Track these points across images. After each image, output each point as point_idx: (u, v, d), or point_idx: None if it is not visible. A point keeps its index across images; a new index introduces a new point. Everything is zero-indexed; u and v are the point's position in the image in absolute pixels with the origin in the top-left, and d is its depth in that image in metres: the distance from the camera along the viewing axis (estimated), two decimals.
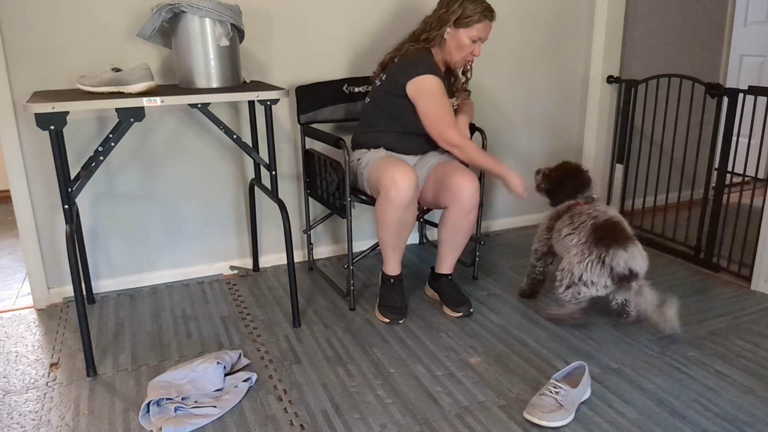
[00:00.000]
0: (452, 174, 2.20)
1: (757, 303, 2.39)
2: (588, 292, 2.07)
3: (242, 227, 2.72)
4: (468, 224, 2.24)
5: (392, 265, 2.28)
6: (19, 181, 2.31)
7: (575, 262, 2.07)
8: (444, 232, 2.29)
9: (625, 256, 2.02)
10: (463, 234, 2.27)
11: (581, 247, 2.08)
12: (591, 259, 2.04)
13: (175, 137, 2.50)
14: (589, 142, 3.25)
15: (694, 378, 1.89)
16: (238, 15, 2.18)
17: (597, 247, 2.04)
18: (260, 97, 2.10)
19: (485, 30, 2.23)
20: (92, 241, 2.48)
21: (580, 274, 2.05)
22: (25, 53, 2.22)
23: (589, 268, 2.04)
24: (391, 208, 2.09)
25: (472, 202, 2.19)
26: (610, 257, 2.02)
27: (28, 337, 2.20)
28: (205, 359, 1.89)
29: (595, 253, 2.04)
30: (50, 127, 1.83)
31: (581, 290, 2.07)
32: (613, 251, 2.02)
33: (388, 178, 2.07)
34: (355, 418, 1.73)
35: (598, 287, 2.05)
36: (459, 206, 2.20)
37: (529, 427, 1.68)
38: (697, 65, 3.41)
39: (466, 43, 2.23)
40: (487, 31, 2.25)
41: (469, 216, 2.22)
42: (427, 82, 2.18)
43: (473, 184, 2.18)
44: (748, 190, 3.40)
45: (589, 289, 2.06)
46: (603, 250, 2.03)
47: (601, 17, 3.06)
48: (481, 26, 2.21)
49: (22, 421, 1.73)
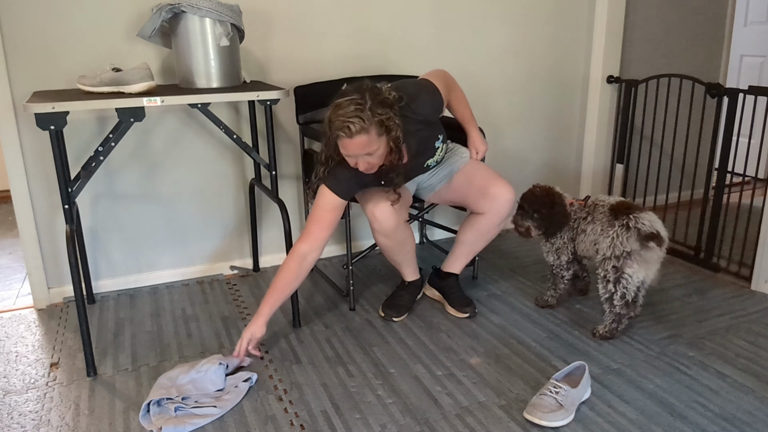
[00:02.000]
0: (492, 182, 2.19)
1: (757, 303, 2.38)
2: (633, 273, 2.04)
3: (242, 227, 2.72)
4: (497, 232, 2.27)
5: (406, 274, 2.33)
6: (19, 181, 2.31)
7: (606, 245, 2.06)
8: (469, 235, 2.28)
9: (649, 218, 2.03)
10: (488, 240, 2.29)
11: (606, 227, 2.08)
12: (616, 230, 2.03)
13: (175, 137, 2.49)
14: (589, 142, 3.25)
15: (694, 378, 1.89)
16: (238, 15, 2.18)
17: (618, 218, 2.05)
18: (260, 97, 2.10)
19: (349, 148, 1.82)
20: (92, 241, 2.48)
21: (620, 250, 2.02)
22: (25, 53, 2.22)
23: (618, 236, 2.02)
24: (380, 237, 2.12)
25: (509, 211, 2.20)
26: (633, 221, 2.02)
27: (28, 337, 2.20)
28: (208, 360, 1.89)
29: (618, 222, 2.04)
30: (50, 127, 1.83)
31: (627, 273, 2.04)
32: (635, 215, 2.03)
33: (368, 213, 2.07)
34: (356, 418, 1.73)
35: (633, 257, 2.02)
36: (496, 215, 2.19)
37: (529, 427, 1.68)
38: (697, 65, 3.41)
39: (346, 157, 1.90)
40: (353, 147, 1.81)
41: (501, 224, 2.24)
42: (321, 193, 1.99)
43: (512, 193, 2.18)
44: (748, 190, 3.40)
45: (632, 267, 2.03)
46: (625, 218, 2.04)
47: (601, 17, 3.06)
48: (342, 144, 1.83)
49: (22, 421, 1.73)
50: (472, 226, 2.26)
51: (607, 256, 2.05)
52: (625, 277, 2.04)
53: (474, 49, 2.91)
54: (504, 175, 3.16)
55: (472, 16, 2.86)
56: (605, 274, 2.07)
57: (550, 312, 2.33)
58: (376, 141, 1.83)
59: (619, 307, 2.07)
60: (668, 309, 2.34)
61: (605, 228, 2.07)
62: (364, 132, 1.79)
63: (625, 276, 2.03)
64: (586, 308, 2.35)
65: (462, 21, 2.85)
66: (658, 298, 2.43)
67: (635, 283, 2.05)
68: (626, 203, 2.11)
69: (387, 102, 1.84)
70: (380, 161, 1.91)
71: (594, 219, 2.13)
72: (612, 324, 2.10)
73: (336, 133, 1.81)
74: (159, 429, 1.66)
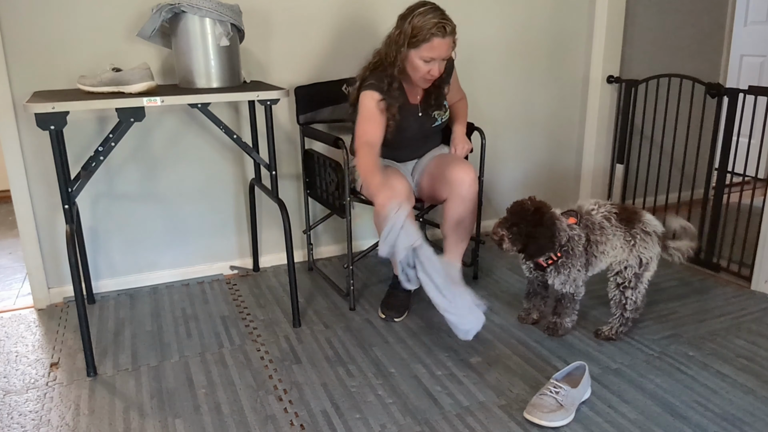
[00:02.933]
0: (449, 166, 2.19)
1: (757, 303, 2.38)
2: (649, 276, 2.06)
3: (242, 227, 2.72)
4: (470, 214, 2.22)
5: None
6: (19, 181, 2.31)
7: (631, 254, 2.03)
8: (448, 226, 2.26)
9: (650, 217, 2.04)
10: (467, 225, 2.24)
11: (625, 237, 2.03)
12: (639, 238, 2.01)
13: (175, 137, 2.49)
14: (589, 142, 3.25)
15: (695, 378, 1.89)
16: (238, 15, 2.18)
17: (633, 226, 2.02)
18: (260, 97, 2.10)
19: (438, 49, 2.01)
20: (92, 241, 2.48)
21: (646, 257, 2.02)
22: (25, 53, 2.22)
23: (642, 242, 2.01)
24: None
25: (471, 192, 2.17)
26: (647, 225, 2.02)
27: (29, 337, 2.20)
28: None
29: (636, 231, 2.02)
30: (50, 127, 1.83)
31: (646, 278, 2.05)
32: (643, 219, 2.02)
33: (380, 197, 2.05)
34: (356, 418, 1.73)
35: (653, 260, 2.04)
36: (458, 197, 2.17)
37: (529, 427, 1.68)
38: (698, 65, 3.41)
39: (419, 64, 2.06)
40: (442, 49, 2.02)
41: (469, 206, 2.19)
42: (363, 99, 2.13)
43: (470, 174, 2.16)
44: (748, 190, 3.40)
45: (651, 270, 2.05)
46: (639, 223, 2.02)
47: (601, 17, 3.06)
48: (432, 45, 2.00)
49: (22, 421, 1.73)
50: (445, 216, 2.24)
51: (631, 264, 2.03)
52: (643, 281, 2.05)
53: (474, 48, 2.90)
54: (504, 175, 3.19)
55: (472, 16, 2.86)
56: (624, 281, 2.05)
57: None
58: (451, 49, 2.06)
59: (630, 311, 2.07)
60: (668, 309, 2.34)
61: (626, 239, 2.03)
62: (454, 33, 2.02)
63: (643, 281, 2.05)
64: (585, 308, 2.35)
65: (462, 21, 2.84)
66: (658, 298, 2.43)
67: (647, 285, 2.07)
68: (627, 208, 2.08)
69: None
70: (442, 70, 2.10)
71: (606, 235, 2.03)
72: (620, 327, 2.10)
73: (427, 35, 1.98)
74: None
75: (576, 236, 1.99)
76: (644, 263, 2.03)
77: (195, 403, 1.81)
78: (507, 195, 3.21)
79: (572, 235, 1.98)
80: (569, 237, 1.98)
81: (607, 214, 2.05)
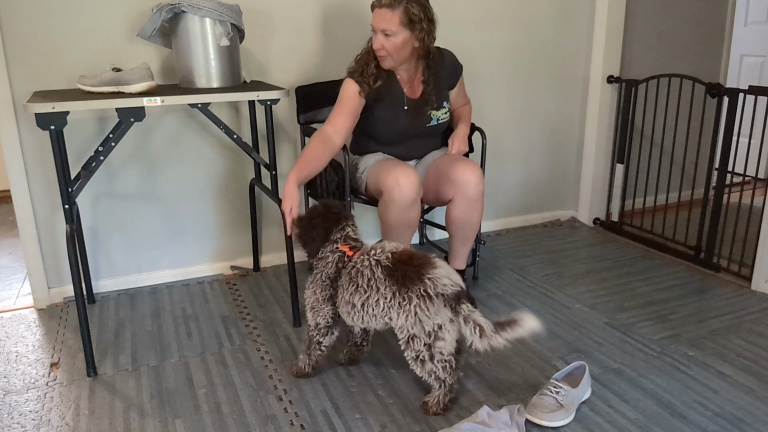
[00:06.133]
0: (453, 165, 2.17)
1: (758, 303, 2.39)
2: (446, 345, 1.65)
3: (242, 227, 2.72)
4: (476, 214, 2.21)
5: None
6: (19, 181, 2.31)
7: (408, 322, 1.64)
8: (453, 226, 2.25)
9: (445, 272, 1.65)
10: (473, 225, 2.23)
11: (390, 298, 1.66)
12: (417, 303, 1.62)
13: (175, 137, 2.50)
14: (590, 142, 3.25)
15: (695, 378, 1.89)
16: (238, 15, 2.18)
17: (411, 284, 1.63)
18: (260, 97, 2.10)
19: (375, 18, 2.07)
20: (92, 241, 2.48)
21: (430, 326, 1.63)
22: (25, 53, 2.22)
23: (421, 310, 1.61)
24: (394, 210, 2.08)
25: (477, 191, 2.15)
26: (432, 286, 1.62)
27: (29, 337, 2.20)
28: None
29: (414, 292, 1.62)
30: (50, 127, 1.83)
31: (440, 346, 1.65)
32: (429, 277, 1.62)
33: (390, 180, 2.05)
34: (356, 418, 1.73)
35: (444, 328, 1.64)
36: (464, 197, 2.16)
37: (529, 427, 1.68)
38: (698, 65, 3.41)
39: (373, 40, 2.13)
40: (377, 19, 2.06)
41: (476, 205, 2.18)
42: (342, 87, 2.18)
43: (476, 173, 2.14)
44: (748, 190, 3.40)
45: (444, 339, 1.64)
46: (419, 283, 1.62)
47: (601, 17, 3.06)
48: (374, 16, 2.09)
49: (22, 421, 1.73)
50: (450, 216, 2.24)
51: (414, 335, 1.65)
52: (439, 350, 1.66)
53: (474, 48, 2.90)
54: (503, 175, 3.19)
55: (472, 16, 2.86)
56: (418, 354, 1.66)
57: (550, 312, 2.33)
58: (396, 25, 2.04)
59: (449, 378, 1.70)
60: (668, 309, 2.34)
61: (398, 300, 1.65)
62: (389, 7, 2.03)
63: (435, 353, 1.66)
64: (585, 308, 2.35)
65: (462, 21, 2.85)
66: (658, 297, 2.43)
67: (451, 347, 1.68)
68: (411, 261, 1.66)
69: (426, 8, 2.08)
70: (395, 52, 2.09)
71: (361, 285, 1.70)
72: (445, 397, 1.72)
73: (372, 6, 2.07)
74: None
75: (331, 259, 1.78)
76: (429, 332, 1.63)
77: (195, 403, 1.81)
78: (507, 195, 3.21)
79: (326, 255, 1.80)
80: (325, 254, 1.80)
81: (375, 262, 1.69)
